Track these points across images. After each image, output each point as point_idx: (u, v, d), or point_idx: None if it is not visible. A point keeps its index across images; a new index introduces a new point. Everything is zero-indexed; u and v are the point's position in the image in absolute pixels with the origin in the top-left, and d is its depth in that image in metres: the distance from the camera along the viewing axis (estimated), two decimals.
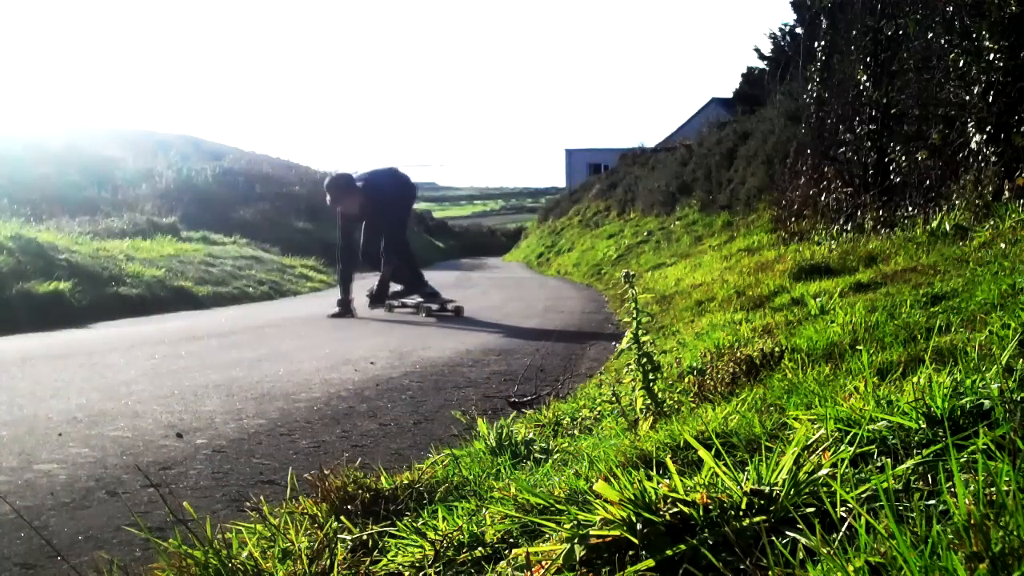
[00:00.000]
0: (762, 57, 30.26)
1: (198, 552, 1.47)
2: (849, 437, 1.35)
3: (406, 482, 1.90)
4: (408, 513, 1.72)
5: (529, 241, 25.68)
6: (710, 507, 1.17)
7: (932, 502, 1.09)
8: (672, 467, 1.25)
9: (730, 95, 32.83)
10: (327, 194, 8.50)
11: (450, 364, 4.74)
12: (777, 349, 2.60)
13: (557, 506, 1.37)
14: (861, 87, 6.76)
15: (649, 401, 2.29)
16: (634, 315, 2.31)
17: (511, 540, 1.40)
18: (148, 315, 8.21)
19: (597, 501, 1.23)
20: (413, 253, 9.46)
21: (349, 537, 1.61)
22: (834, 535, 1.02)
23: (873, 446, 1.36)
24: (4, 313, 6.97)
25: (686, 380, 2.69)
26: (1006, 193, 4.66)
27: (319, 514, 1.76)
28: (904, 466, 1.22)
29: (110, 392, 3.81)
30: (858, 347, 2.31)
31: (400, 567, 1.46)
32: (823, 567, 0.95)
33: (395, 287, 8.86)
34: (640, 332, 2.30)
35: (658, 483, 1.24)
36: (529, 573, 1.21)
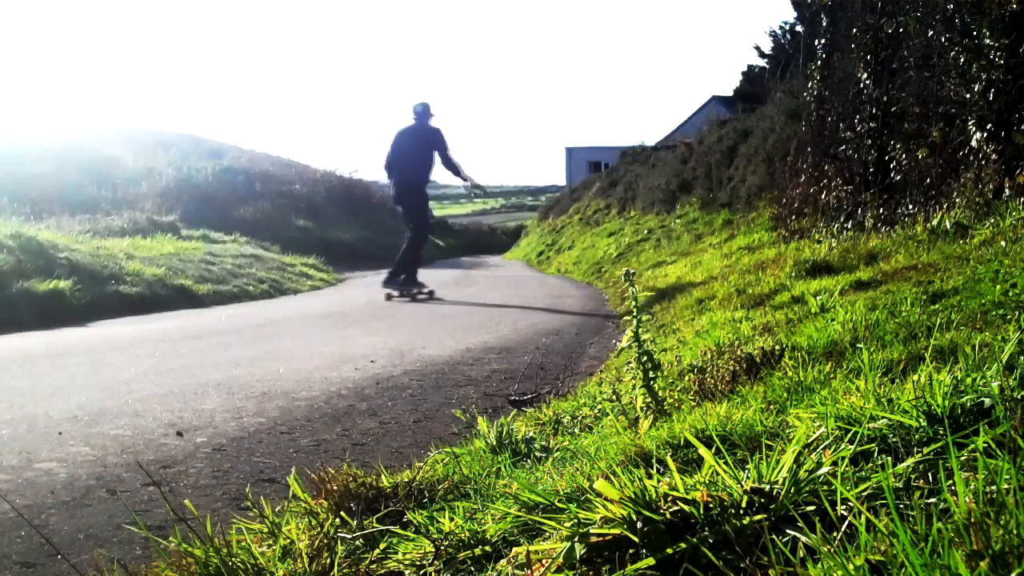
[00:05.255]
0: (763, 55, 30.18)
1: (198, 550, 1.47)
2: (850, 435, 1.35)
3: (406, 480, 1.90)
4: (408, 511, 1.72)
5: (529, 239, 25.65)
6: (710, 505, 1.17)
7: (932, 500, 1.09)
8: (672, 465, 1.25)
9: (731, 93, 32.78)
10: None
11: (450, 362, 4.74)
12: (778, 347, 2.60)
13: (558, 504, 1.37)
14: (861, 85, 6.75)
15: (649, 399, 2.29)
16: (634, 313, 2.31)
17: (512, 538, 1.40)
18: (148, 313, 8.21)
19: (597, 499, 1.23)
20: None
21: (349, 535, 1.61)
22: (834, 533, 1.02)
23: (873, 444, 1.36)
24: (4, 312, 6.96)
25: (686, 378, 2.69)
26: (1007, 191, 4.66)
27: (320, 512, 1.76)
28: (904, 464, 1.22)
29: (110, 390, 3.81)
30: (859, 345, 2.31)
31: (401, 565, 1.46)
32: (823, 565, 0.95)
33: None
34: (640, 330, 2.30)
35: (659, 481, 1.24)
36: (530, 571, 1.21)
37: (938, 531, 0.88)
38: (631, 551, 1.14)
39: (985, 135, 5.00)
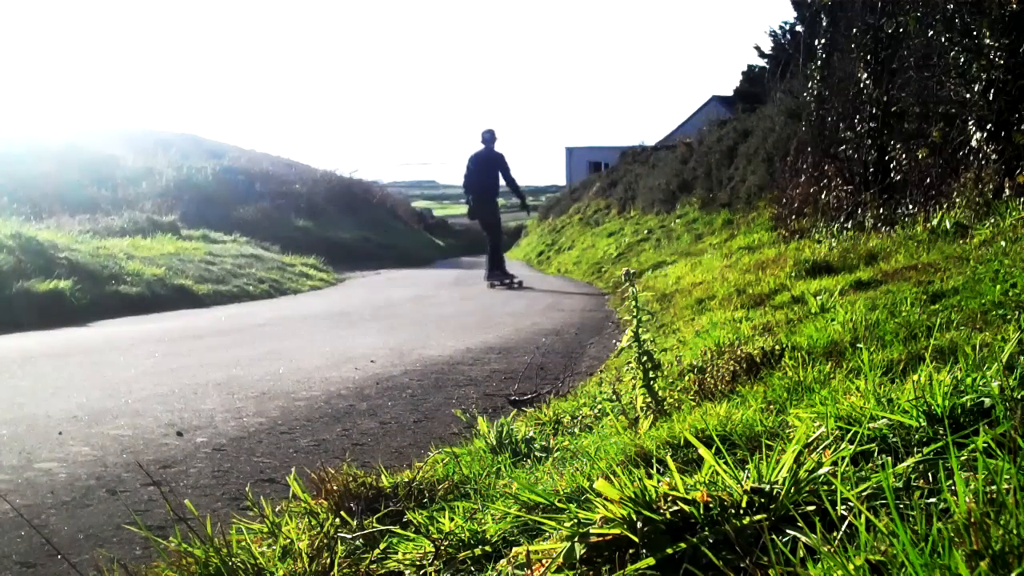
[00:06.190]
0: (763, 55, 30.15)
1: (198, 550, 1.47)
2: (850, 435, 1.35)
3: (406, 480, 1.90)
4: (408, 511, 1.72)
5: (529, 239, 25.64)
6: (710, 505, 1.17)
7: (932, 500, 1.09)
8: (672, 465, 1.25)
9: (731, 93, 32.75)
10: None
11: (450, 362, 4.73)
12: (778, 347, 2.60)
13: (558, 504, 1.37)
14: (861, 85, 6.75)
15: (649, 399, 2.29)
16: (634, 313, 2.31)
17: (512, 538, 1.40)
18: (148, 313, 8.21)
19: (597, 499, 1.23)
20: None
21: (349, 535, 1.61)
22: (834, 533, 1.02)
23: (873, 444, 1.36)
24: (4, 312, 6.96)
25: (686, 378, 2.69)
26: (1006, 191, 4.66)
27: (320, 512, 1.76)
28: (904, 464, 1.22)
29: (110, 390, 3.81)
30: (859, 345, 2.31)
31: (401, 565, 1.46)
32: (823, 565, 0.95)
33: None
34: (640, 330, 2.30)
35: (659, 481, 1.23)
36: (529, 571, 1.21)
37: (938, 531, 0.88)
38: (631, 551, 1.14)
39: (985, 135, 5.00)
